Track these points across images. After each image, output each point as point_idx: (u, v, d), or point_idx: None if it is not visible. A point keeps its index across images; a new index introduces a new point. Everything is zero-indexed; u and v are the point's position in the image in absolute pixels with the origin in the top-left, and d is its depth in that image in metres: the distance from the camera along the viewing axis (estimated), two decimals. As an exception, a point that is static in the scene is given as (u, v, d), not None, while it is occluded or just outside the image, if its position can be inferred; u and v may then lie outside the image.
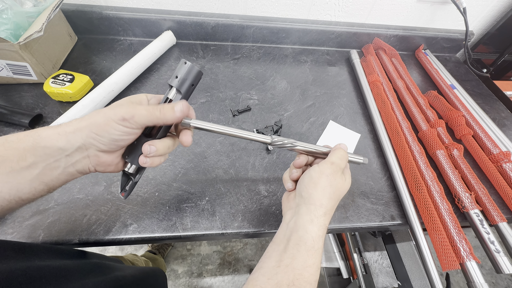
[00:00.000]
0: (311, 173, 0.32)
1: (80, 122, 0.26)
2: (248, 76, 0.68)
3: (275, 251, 0.29)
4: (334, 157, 0.33)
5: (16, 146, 0.24)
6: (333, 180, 0.31)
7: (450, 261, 0.40)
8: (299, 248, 0.28)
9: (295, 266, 0.27)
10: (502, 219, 0.45)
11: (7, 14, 0.49)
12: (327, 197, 0.31)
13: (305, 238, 0.28)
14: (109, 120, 0.26)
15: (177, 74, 0.30)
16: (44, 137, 0.25)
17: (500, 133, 0.58)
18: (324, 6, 0.72)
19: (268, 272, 0.27)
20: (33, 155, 0.24)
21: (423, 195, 0.46)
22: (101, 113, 0.26)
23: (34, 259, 0.27)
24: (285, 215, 0.34)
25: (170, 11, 0.69)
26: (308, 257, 0.27)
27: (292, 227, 0.30)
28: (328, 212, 0.31)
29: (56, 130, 0.25)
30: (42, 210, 0.41)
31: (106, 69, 0.63)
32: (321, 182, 0.31)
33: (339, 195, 0.33)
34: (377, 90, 0.65)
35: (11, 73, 0.54)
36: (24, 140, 0.24)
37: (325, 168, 0.32)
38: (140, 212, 0.42)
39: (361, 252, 0.69)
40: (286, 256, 0.28)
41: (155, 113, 0.27)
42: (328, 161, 0.33)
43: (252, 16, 0.72)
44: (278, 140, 0.34)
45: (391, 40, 0.80)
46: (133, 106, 0.27)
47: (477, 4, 0.75)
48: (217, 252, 1.23)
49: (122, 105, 0.27)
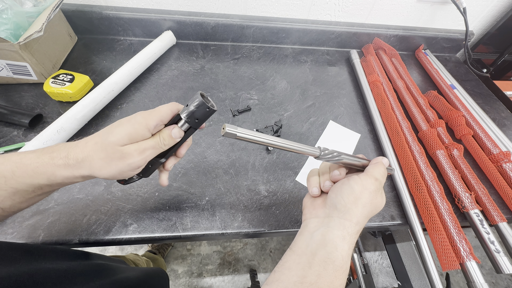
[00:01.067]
0: (352, 185, 0.29)
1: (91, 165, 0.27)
2: (248, 76, 0.68)
3: (297, 264, 0.26)
4: (377, 173, 0.30)
5: (30, 182, 0.26)
6: (375, 198, 0.29)
7: (450, 261, 0.40)
8: (326, 267, 0.25)
9: (320, 286, 0.24)
10: (502, 219, 0.45)
11: (7, 14, 0.49)
12: (365, 214, 0.28)
13: (334, 256, 0.26)
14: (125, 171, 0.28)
15: (188, 103, 0.30)
16: (59, 177, 0.27)
17: (500, 133, 0.58)
18: (324, 6, 0.72)
19: (289, 287, 0.25)
20: (49, 187, 0.28)
21: (423, 195, 0.46)
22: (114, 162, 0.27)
23: (41, 262, 0.28)
24: (308, 223, 0.30)
25: (170, 11, 0.69)
26: (335, 278, 0.25)
27: (319, 240, 0.27)
28: (360, 229, 0.28)
29: (70, 172, 0.27)
30: (42, 210, 0.41)
31: (106, 69, 0.63)
32: (363, 198, 0.28)
33: (374, 213, 0.30)
34: (377, 90, 0.65)
35: (11, 73, 0.54)
36: (36, 177, 0.26)
37: (369, 184, 0.29)
38: (140, 212, 0.42)
39: (361, 252, 0.69)
40: (311, 272, 0.25)
41: (161, 147, 0.30)
42: (372, 176, 0.29)
43: (252, 16, 0.72)
44: (328, 153, 0.31)
45: (391, 40, 0.80)
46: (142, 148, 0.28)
47: (477, 4, 0.75)
48: (217, 252, 1.23)
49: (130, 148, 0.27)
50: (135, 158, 0.27)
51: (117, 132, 0.27)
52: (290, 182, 0.49)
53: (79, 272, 0.30)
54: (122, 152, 0.27)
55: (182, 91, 0.62)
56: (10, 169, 0.25)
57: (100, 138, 0.27)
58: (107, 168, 0.27)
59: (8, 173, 0.25)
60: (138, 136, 0.28)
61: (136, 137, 0.27)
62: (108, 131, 0.27)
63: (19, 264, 0.25)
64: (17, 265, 0.25)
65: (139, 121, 0.28)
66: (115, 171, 0.27)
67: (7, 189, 0.25)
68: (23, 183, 0.26)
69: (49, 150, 0.27)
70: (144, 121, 0.28)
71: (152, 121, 0.28)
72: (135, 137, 0.27)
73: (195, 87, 0.63)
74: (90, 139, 0.28)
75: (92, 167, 0.27)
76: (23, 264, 0.25)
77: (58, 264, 0.29)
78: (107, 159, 0.27)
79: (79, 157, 0.27)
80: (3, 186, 0.25)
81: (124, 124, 0.28)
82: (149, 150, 0.28)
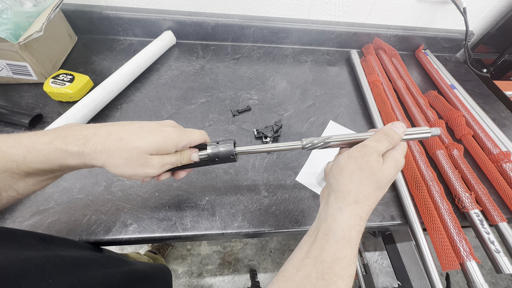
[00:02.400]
0: (338, 158, 0.30)
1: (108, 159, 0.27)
2: (248, 76, 0.68)
3: (306, 243, 0.27)
4: (369, 140, 0.29)
5: (42, 167, 0.26)
6: (364, 163, 0.27)
7: (450, 261, 0.40)
8: (328, 239, 0.26)
9: (324, 259, 0.25)
10: (502, 219, 0.45)
11: (7, 14, 0.49)
12: (357, 182, 0.27)
13: (334, 228, 0.26)
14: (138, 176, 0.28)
15: (219, 140, 0.33)
16: (70, 164, 0.27)
17: (500, 133, 0.58)
18: (324, 6, 0.72)
19: (298, 263, 0.26)
20: (60, 171, 0.28)
21: (423, 195, 0.46)
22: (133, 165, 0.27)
23: (55, 249, 0.28)
24: (320, 205, 0.32)
25: (170, 11, 0.69)
26: (338, 249, 0.25)
27: (323, 216, 0.28)
28: (361, 200, 0.27)
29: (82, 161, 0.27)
30: (42, 210, 0.41)
31: (106, 69, 0.63)
32: (348, 166, 0.28)
33: (377, 181, 0.27)
34: (377, 90, 0.65)
35: (11, 73, 0.54)
36: (48, 163, 0.26)
37: (354, 151, 0.28)
38: (140, 212, 0.42)
39: (361, 252, 0.69)
40: (315, 247, 0.26)
41: (177, 165, 0.31)
42: (360, 144, 0.29)
43: (252, 16, 0.72)
44: (308, 142, 0.32)
45: (391, 40, 0.80)
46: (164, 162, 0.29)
47: (477, 4, 0.75)
48: (217, 252, 1.23)
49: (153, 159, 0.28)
50: (155, 169, 0.28)
51: (148, 140, 0.27)
52: (290, 182, 0.49)
53: (92, 260, 0.30)
54: (147, 160, 0.27)
55: (182, 91, 0.62)
56: (21, 154, 0.25)
57: (127, 138, 0.27)
58: (124, 168, 0.27)
59: (19, 157, 0.25)
60: (165, 151, 0.29)
61: (163, 150, 0.29)
62: (138, 135, 0.27)
63: (36, 249, 0.25)
64: (34, 250, 0.25)
65: (172, 138, 0.29)
66: (129, 173, 0.27)
67: (20, 172, 0.25)
68: (35, 168, 0.26)
69: (62, 134, 0.26)
70: (177, 138, 0.29)
71: (183, 142, 0.30)
72: (163, 151, 0.29)
73: (195, 87, 0.63)
74: (114, 132, 0.27)
75: (109, 162, 0.26)
76: (40, 250, 0.26)
77: (72, 252, 0.30)
78: (128, 161, 0.27)
79: (98, 147, 0.26)
80: (15, 170, 0.25)
81: (157, 134, 0.28)
82: (168, 165, 0.30)
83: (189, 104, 0.59)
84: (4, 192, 0.26)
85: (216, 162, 0.32)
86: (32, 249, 0.25)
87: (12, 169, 0.25)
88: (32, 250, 0.25)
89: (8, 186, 0.26)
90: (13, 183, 0.26)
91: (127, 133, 0.27)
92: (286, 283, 0.25)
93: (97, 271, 0.29)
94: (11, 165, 0.25)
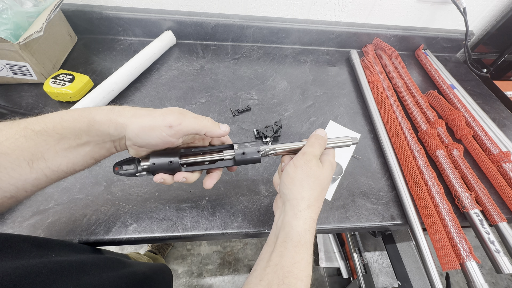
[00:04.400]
0: (287, 169, 0.32)
1: (130, 118, 0.28)
2: (248, 76, 0.68)
3: (267, 253, 0.29)
4: (305, 147, 0.32)
5: (73, 126, 0.26)
6: (309, 170, 0.30)
7: (450, 261, 0.40)
8: (286, 245, 0.28)
9: (284, 264, 0.27)
10: (502, 219, 0.45)
11: (7, 14, 0.49)
12: (307, 188, 0.30)
13: (291, 234, 0.28)
14: (155, 127, 0.28)
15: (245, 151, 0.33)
16: (98, 121, 0.27)
17: (500, 133, 0.58)
18: (324, 6, 0.72)
19: (260, 273, 0.27)
20: (87, 135, 0.27)
21: (423, 195, 0.46)
22: (150, 116, 0.28)
23: (52, 254, 0.28)
24: (275, 215, 0.34)
25: (170, 11, 0.69)
26: (295, 253, 0.27)
27: (280, 225, 0.30)
28: (313, 203, 0.30)
29: (108, 117, 0.27)
30: (42, 210, 0.41)
31: (106, 69, 0.63)
32: (297, 175, 0.30)
33: (321, 184, 0.31)
34: (377, 90, 0.65)
35: (11, 73, 0.54)
36: (79, 120, 0.26)
37: (298, 160, 0.31)
38: (140, 212, 0.42)
39: (361, 252, 0.69)
40: (275, 255, 0.27)
41: (203, 121, 0.30)
42: (300, 153, 0.32)
43: (252, 16, 0.72)
44: (263, 150, 0.34)
45: (391, 40, 0.80)
46: (184, 114, 0.29)
47: (477, 4, 0.75)
48: (217, 252, 1.23)
49: (172, 112, 0.29)
50: (174, 115, 0.28)
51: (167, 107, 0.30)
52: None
53: (91, 263, 0.30)
54: (168, 109, 0.29)
55: (182, 91, 0.62)
56: (60, 115, 0.26)
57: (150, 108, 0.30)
58: (145, 119, 0.27)
59: (57, 117, 0.26)
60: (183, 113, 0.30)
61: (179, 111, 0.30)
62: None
63: (31, 256, 0.25)
64: (28, 257, 0.25)
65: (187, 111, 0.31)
66: (149, 122, 0.28)
67: (54, 135, 0.25)
68: (67, 128, 0.26)
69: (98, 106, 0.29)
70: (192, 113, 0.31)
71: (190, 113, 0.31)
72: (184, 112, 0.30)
73: (195, 87, 0.63)
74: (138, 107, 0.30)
75: (134, 115, 0.28)
76: (35, 256, 0.26)
77: (69, 256, 0.30)
78: (151, 111, 0.28)
79: (127, 108, 0.28)
80: (50, 132, 0.25)
81: None
82: (191, 118, 0.29)
83: (189, 104, 0.59)
84: (35, 162, 0.25)
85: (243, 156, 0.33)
86: (27, 256, 0.25)
87: (48, 131, 0.25)
88: (27, 257, 0.24)
89: (40, 154, 0.25)
90: (45, 150, 0.25)
91: None
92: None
93: (94, 276, 0.29)
94: (48, 126, 0.25)
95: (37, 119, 0.26)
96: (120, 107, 0.28)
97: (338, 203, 0.47)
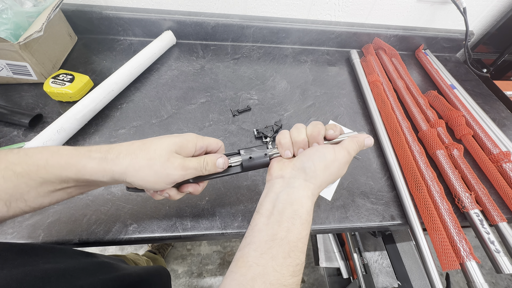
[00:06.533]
0: (325, 153, 0.30)
1: (128, 168, 0.26)
2: (248, 76, 0.68)
3: (265, 225, 0.28)
4: (351, 147, 0.32)
5: (59, 173, 0.25)
6: (342, 169, 0.31)
7: (450, 261, 0.40)
8: (294, 222, 0.28)
9: (290, 239, 0.27)
10: (502, 219, 0.45)
11: (7, 14, 0.49)
12: (329, 181, 0.31)
13: (301, 212, 0.28)
14: (159, 182, 0.28)
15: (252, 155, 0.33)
16: (89, 170, 0.26)
17: (500, 133, 0.58)
18: (324, 6, 0.72)
19: (261, 246, 0.26)
20: (75, 182, 0.26)
21: (423, 195, 0.46)
22: (152, 170, 0.27)
23: (38, 261, 0.27)
24: (274, 183, 0.31)
25: (170, 11, 0.69)
26: (302, 229, 0.28)
27: (285, 199, 0.29)
28: (323, 187, 0.32)
29: (102, 166, 0.26)
30: (42, 210, 0.41)
31: (106, 69, 0.63)
32: (332, 167, 0.30)
33: (334, 181, 0.34)
34: (377, 90, 0.65)
35: (11, 73, 0.54)
36: (66, 168, 0.25)
37: (342, 156, 0.31)
38: (140, 212, 0.42)
39: (361, 252, 0.69)
40: (281, 229, 0.27)
41: (201, 171, 0.30)
42: (346, 149, 0.31)
43: (252, 16, 0.72)
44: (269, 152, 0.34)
45: (391, 40, 0.80)
46: (186, 163, 0.28)
47: (477, 4, 0.75)
48: (217, 252, 1.23)
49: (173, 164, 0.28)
50: (177, 171, 0.28)
51: (169, 139, 0.29)
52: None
53: (81, 268, 0.30)
54: (169, 158, 0.27)
55: (182, 91, 0.62)
56: (45, 158, 0.25)
57: (150, 141, 0.28)
58: (146, 171, 0.27)
59: (42, 161, 0.25)
60: (186, 149, 0.29)
61: (184, 148, 0.29)
62: (160, 138, 0.29)
63: (14, 265, 0.25)
64: (10, 266, 0.24)
65: (192, 137, 0.30)
66: (151, 177, 0.27)
67: (36, 179, 0.25)
68: (52, 174, 0.25)
69: (89, 147, 0.27)
70: (195, 139, 0.31)
71: (201, 142, 0.31)
72: (184, 148, 0.29)
73: (195, 87, 0.63)
74: (137, 141, 0.29)
75: (132, 165, 0.26)
76: (19, 265, 0.25)
77: (59, 262, 0.29)
78: (151, 162, 0.27)
79: (123, 152, 0.27)
80: (33, 176, 0.25)
81: (177, 135, 0.30)
82: (191, 170, 0.29)
83: (189, 104, 0.59)
84: (13, 202, 0.25)
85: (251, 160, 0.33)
86: (9, 265, 0.24)
87: (31, 174, 0.24)
88: (8, 267, 0.24)
89: (20, 195, 0.25)
90: (25, 192, 0.25)
91: (149, 139, 0.29)
92: (250, 268, 0.25)
93: (85, 280, 0.28)
94: (31, 169, 0.24)
95: (20, 159, 0.25)
96: (112, 154, 0.27)
97: (338, 203, 0.47)
